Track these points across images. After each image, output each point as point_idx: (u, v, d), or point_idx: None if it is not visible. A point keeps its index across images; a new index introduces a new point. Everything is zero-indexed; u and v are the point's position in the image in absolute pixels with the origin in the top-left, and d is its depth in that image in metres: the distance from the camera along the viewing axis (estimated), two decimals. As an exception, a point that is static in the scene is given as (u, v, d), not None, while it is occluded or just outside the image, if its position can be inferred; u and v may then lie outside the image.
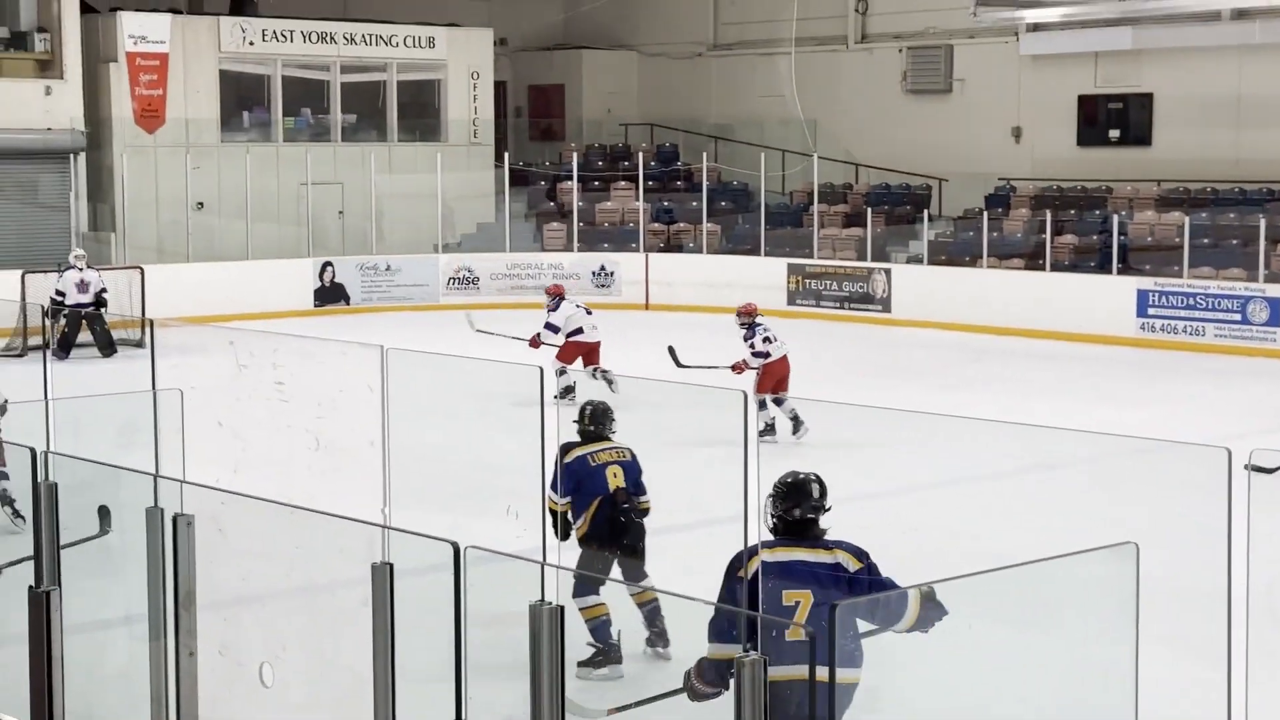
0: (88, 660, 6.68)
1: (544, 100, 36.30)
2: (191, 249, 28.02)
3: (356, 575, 4.53)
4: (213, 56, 30.31)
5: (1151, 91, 28.72)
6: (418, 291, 28.90)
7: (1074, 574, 3.24)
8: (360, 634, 4.54)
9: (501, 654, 3.89)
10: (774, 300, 28.40)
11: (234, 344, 19.00)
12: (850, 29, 32.40)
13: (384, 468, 4.98)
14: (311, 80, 31.68)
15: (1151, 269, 25.31)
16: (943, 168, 30.31)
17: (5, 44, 28.34)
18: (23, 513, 7.00)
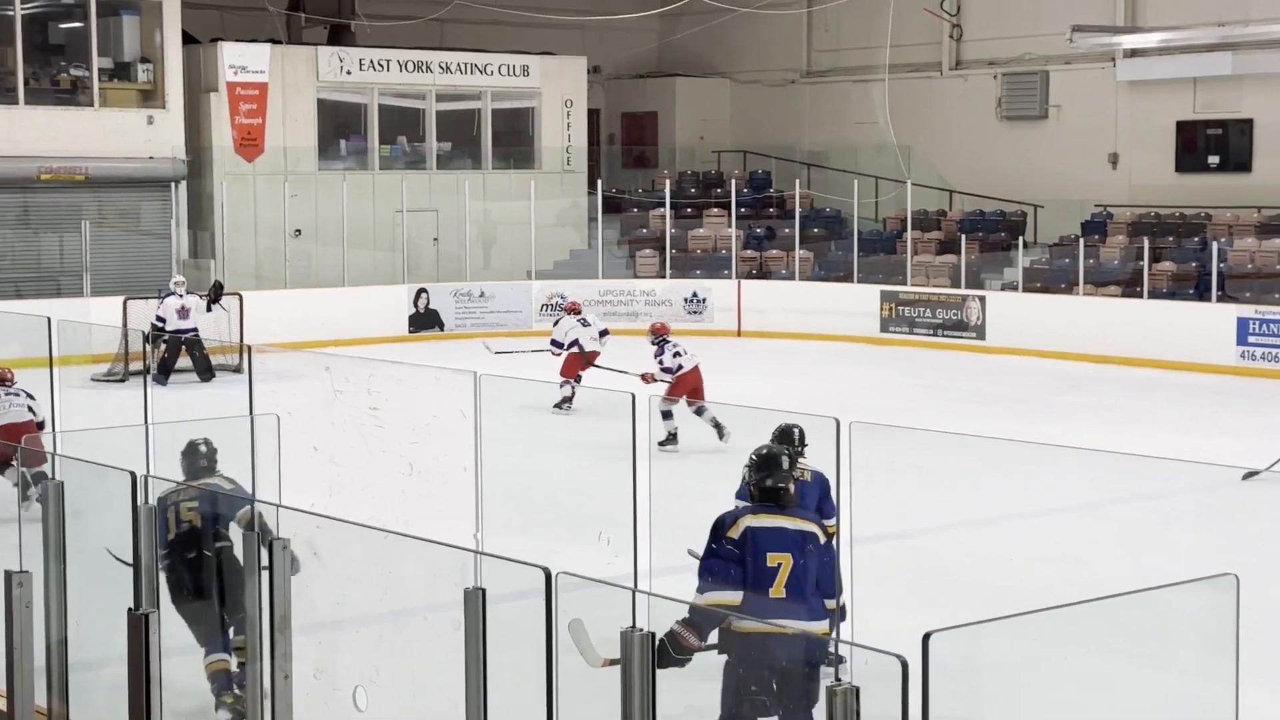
0: (184, 682, 6.74)
1: (637, 127, 36.37)
2: (289, 275, 28.26)
3: (449, 599, 4.55)
4: (311, 86, 30.58)
5: (1251, 117, 28.47)
6: (510, 318, 28.97)
7: (1173, 606, 3.21)
8: (453, 658, 4.56)
9: (593, 680, 3.90)
10: (867, 328, 28.38)
11: (330, 370, 19.13)
12: (945, 55, 32.30)
13: (477, 492, 5.01)
14: (407, 109, 31.90)
15: (1251, 296, 25.05)
16: (1038, 194, 30.13)
17: (110, 74, 28.71)
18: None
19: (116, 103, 28.71)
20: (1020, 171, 30.71)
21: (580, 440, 17.64)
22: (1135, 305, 26.00)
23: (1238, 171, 28.65)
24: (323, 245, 29.27)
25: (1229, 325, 24.32)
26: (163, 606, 5.34)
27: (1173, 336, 23.95)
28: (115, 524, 5.28)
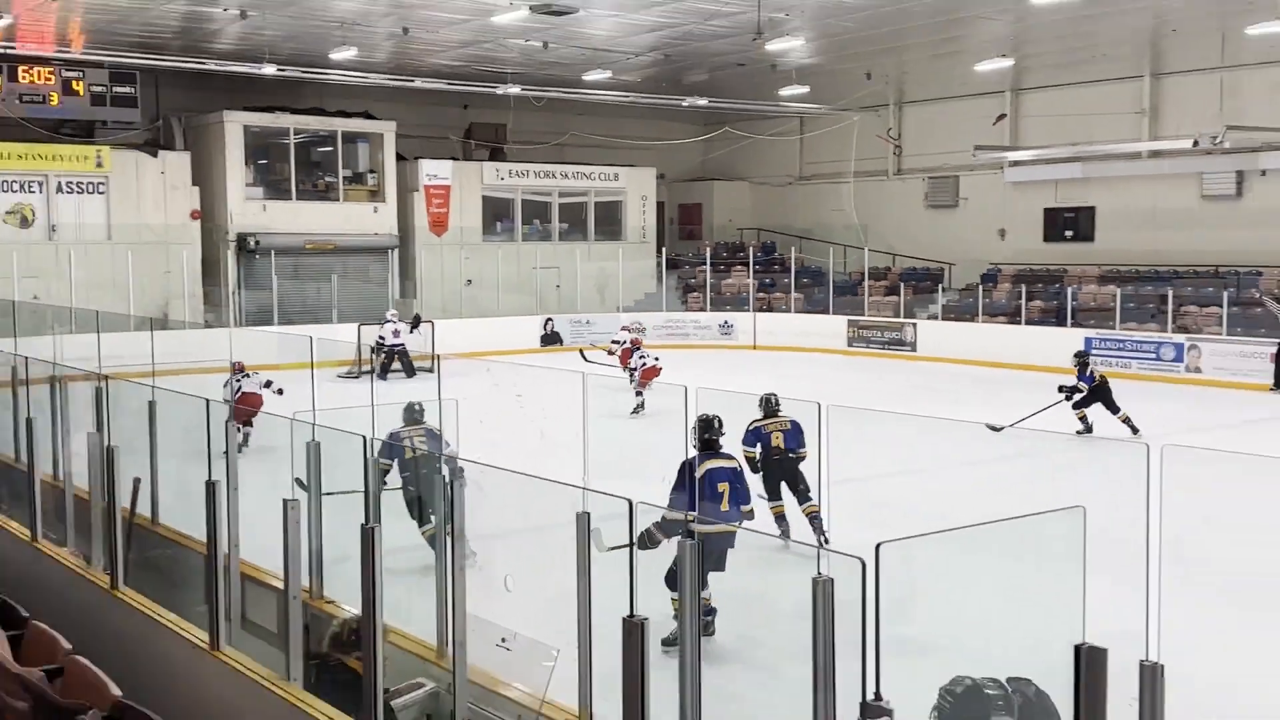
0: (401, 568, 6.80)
1: (688, 213, 36.45)
2: (463, 309, 28.47)
3: (566, 519, 4.56)
4: (478, 187, 30.83)
5: (1094, 205, 28.20)
6: (604, 337, 29.00)
7: (1044, 527, 3.18)
8: (569, 558, 4.57)
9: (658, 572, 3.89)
10: (838, 344, 28.38)
11: (489, 371, 19.14)
12: (890, 165, 32.16)
13: (584, 451, 5.02)
14: (539, 201, 32.06)
15: (1094, 323, 24.88)
16: (951, 256, 29.95)
17: (349, 180, 29.03)
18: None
19: (353, 199, 29.02)
20: (940, 241, 30.56)
21: (646, 417, 17.70)
22: (1016, 329, 25.86)
23: (1084, 241, 28.40)
24: (485, 290, 29.48)
25: (1079, 342, 24.06)
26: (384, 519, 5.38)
27: (1040, 350, 23.68)
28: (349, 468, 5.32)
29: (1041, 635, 2.82)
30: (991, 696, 3.10)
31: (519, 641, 5.41)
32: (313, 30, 22.61)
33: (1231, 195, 25.79)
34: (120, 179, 26.32)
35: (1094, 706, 2.55)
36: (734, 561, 6.85)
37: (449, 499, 5.02)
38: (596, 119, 32.35)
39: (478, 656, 5.21)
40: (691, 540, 4.26)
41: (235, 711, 4.81)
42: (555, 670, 4.99)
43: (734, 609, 4.89)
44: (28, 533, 6.84)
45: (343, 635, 5.52)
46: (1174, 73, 26.47)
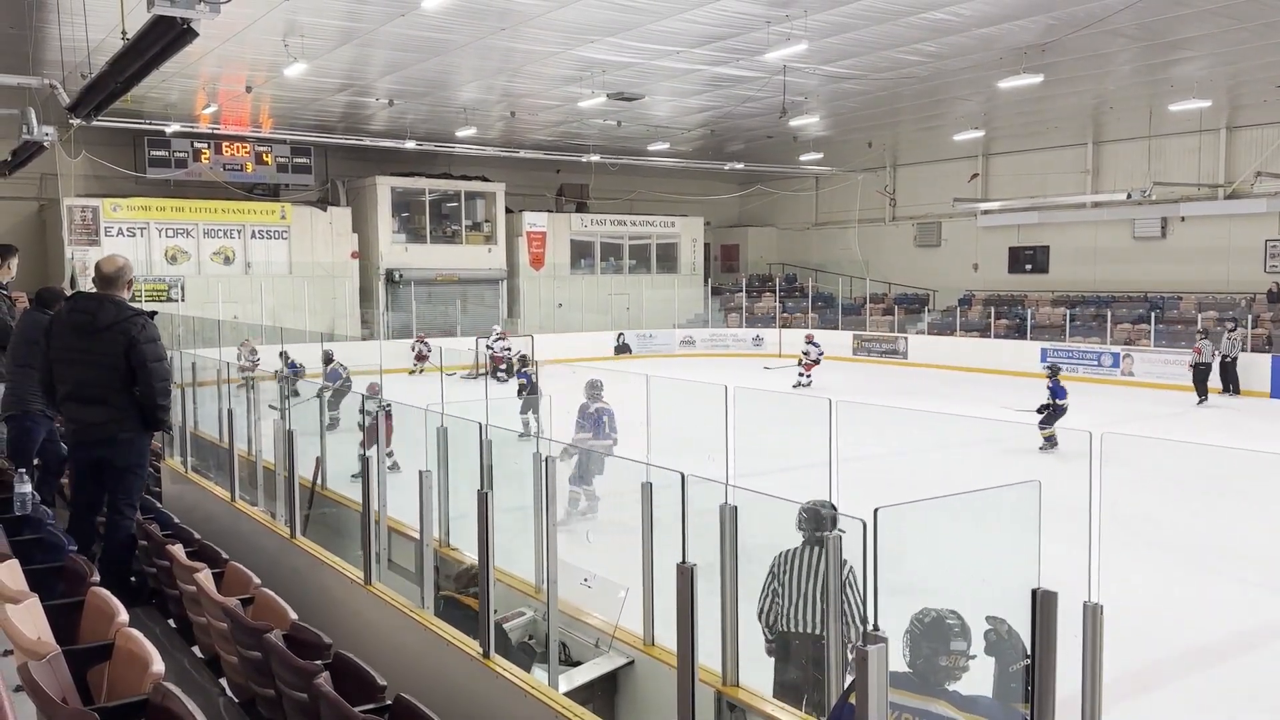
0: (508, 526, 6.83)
1: (729, 252, 36.24)
2: (556, 325, 28.59)
3: (634, 488, 4.56)
4: (567, 233, 30.91)
5: (1049, 244, 27.71)
6: (664, 347, 29.12)
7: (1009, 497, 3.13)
8: (635, 519, 4.57)
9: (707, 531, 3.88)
10: (845, 352, 28.10)
11: (574, 372, 19.09)
12: (886, 214, 31.84)
13: (648, 435, 5.01)
14: (614, 243, 32.07)
15: (1049, 338, 24.42)
16: (935, 284, 29.57)
17: (469, 228, 29.25)
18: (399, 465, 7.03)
19: (472, 242, 29.25)
20: (926, 273, 30.17)
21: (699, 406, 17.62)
22: (986, 342, 25.44)
23: (1040, 273, 27.91)
24: (571, 311, 29.59)
25: (1035, 352, 23.70)
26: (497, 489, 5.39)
27: (1005, 359, 23.33)
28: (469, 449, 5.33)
29: (1005, 582, 2.77)
30: (950, 625, 3.05)
31: (597, 581, 5.42)
32: (442, 114, 22.89)
33: (1158, 236, 25.23)
34: (298, 228, 26.79)
35: (1047, 639, 2.50)
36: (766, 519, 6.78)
37: (544, 474, 5.02)
38: (658, 179, 32.37)
39: (566, 593, 5.23)
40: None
41: (384, 631, 4.86)
42: (625, 604, 4.99)
43: (764, 556, 4.87)
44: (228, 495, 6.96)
45: (465, 575, 5.56)
46: (1111, 140, 25.97)
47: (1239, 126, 23.51)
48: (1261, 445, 14.41)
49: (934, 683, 2.96)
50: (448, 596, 5.29)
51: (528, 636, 5.37)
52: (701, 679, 3.49)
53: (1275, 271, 23.07)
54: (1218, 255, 23.97)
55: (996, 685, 2.94)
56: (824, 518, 4.88)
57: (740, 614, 3.94)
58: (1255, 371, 20.18)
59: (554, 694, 3.95)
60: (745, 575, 3.94)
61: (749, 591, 3.90)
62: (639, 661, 4.75)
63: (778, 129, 24.42)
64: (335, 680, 3.35)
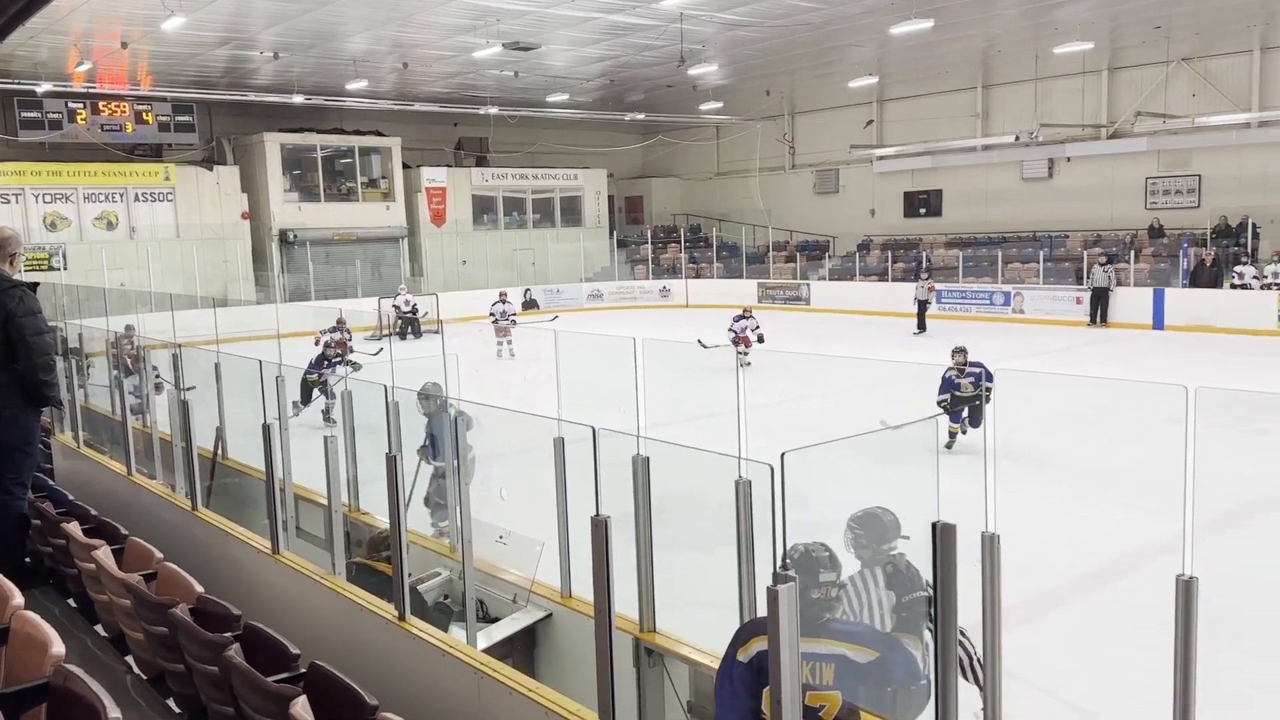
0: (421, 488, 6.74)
1: (633, 204, 36.15)
2: (460, 283, 28.17)
3: (545, 444, 4.55)
4: (468, 188, 30.39)
5: (942, 188, 28.37)
6: (572, 301, 28.98)
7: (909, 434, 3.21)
8: (548, 475, 4.58)
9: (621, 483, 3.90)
10: (751, 300, 28.32)
11: (481, 331, 18.89)
12: (786, 162, 32.13)
13: (558, 391, 5.00)
14: (517, 198, 31.65)
15: (943, 278, 25.08)
16: (835, 231, 30.03)
17: (365, 184, 28.58)
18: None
19: (370, 199, 28.56)
20: (826, 220, 30.61)
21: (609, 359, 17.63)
22: (885, 285, 25.99)
23: (934, 216, 28.58)
24: (476, 268, 29.17)
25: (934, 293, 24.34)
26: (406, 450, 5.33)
27: (904, 301, 23.89)
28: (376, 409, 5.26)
29: (908, 516, 2.86)
30: (817, 557, 3.11)
31: (512, 538, 5.42)
32: (331, 67, 22.18)
33: (1045, 177, 26.04)
34: (184, 189, 25.79)
35: (947, 569, 2.60)
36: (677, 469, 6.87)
37: (455, 434, 4.99)
38: (559, 131, 32.00)
39: (481, 550, 5.22)
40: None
41: (294, 600, 4.80)
42: (541, 559, 5.01)
43: (676, 505, 4.93)
44: (124, 469, 6.74)
45: (378, 540, 5.51)
46: (1000, 84, 26.59)
47: (1120, 68, 24.30)
48: (1145, 375, 15.12)
49: (810, 618, 2.99)
50: (359, 563, 5.24)
51: (443, 596, 5.36)
52: (619, 627, 3.54)
53: (1155, 208, 24.06)
54: (1102, 194, 24.87)
55: (895, 617, 3.03)
56: (887, 525, 3.94)
57: (655, 561, 3.99)
58: (1138, 304, 21.11)
59: (472, 651, 3.96)
60: (659, 524, 3.99)
61: (663, 539, 3.96)
62: (557, 614, 4.79)
63: (677, 78, 24.34)
64: (246, 651, 3.31)
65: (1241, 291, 20.03)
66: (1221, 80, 22.66)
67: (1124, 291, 21.42)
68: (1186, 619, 2.46)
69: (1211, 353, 17.01)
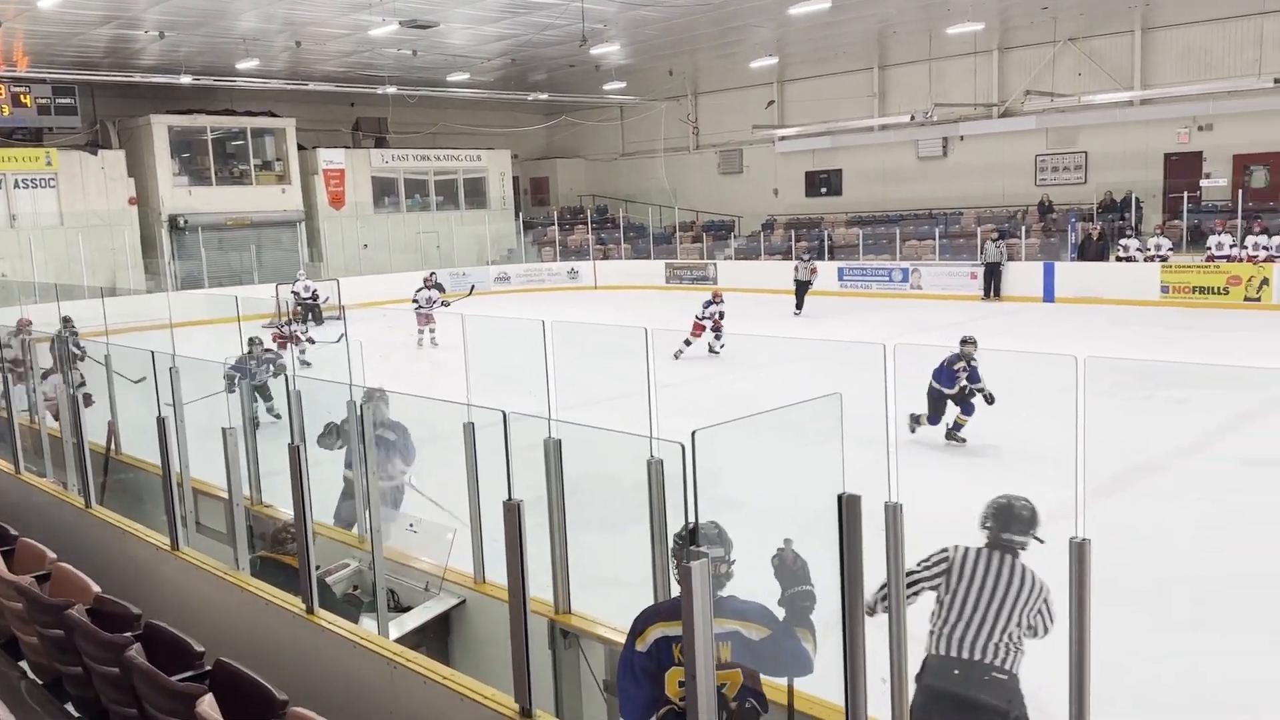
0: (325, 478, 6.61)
1: (538, 185, 35.88)
2: (362, 267, 27.59)
3: (456, 429, 4.52)
4: (367, 170, 29.74)
5: (841, 168, 28.89)
6: (479, 284, 28.56)
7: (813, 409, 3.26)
8: (459, 459, 4.54)
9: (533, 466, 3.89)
10: (659, 281, 28.55)
11: (385, 316, 18.56)
12: (690, 142, 32.28)
13: (466, 375, 4.95)
14: (419, 179, 31.09)
15: (845, 257, 25.57)
16: (740, 210, 30.35)
17: (259, 167, 27.72)
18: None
19: (264, 182, 27.74)
20: (731, 200, 30.89)
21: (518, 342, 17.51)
22: (789, 264, 26.29)
23: (835, 195, 29.09)
24: (379, 252, 28.61)
25: (834, 272, 24.79)
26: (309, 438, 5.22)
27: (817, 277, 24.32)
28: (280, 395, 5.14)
29: (814, 488, 2.92)
30: (706, 534, 3.15)
31: (424, 526, 5.37)
32: (220, 45, 21.42)
33: (939, 156, 26.71)
34: (67, 174, 24.66)
35: (853, 540, 2.66)
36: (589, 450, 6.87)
37: (360, 421, 4.90)
38: (461, 111, 31.55)
39: (392, 539, 5.16)
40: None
41: (197, 597, 4.67)
42: (454, 545, 4.97)
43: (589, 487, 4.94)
44: (11, 467, 6.45)
45: (282, 532, 5.39)
46: (896, 64, 27.13)
47: (1009, 48, 25.04)
48: (1038, 346, 15.68)
49: None
50: (264, 557, 5.12)
51: (353, 587, 5.28)
52: (534, 610, 3.54)
53: (1045, 184, 24.92)
54: (994, 171, 25.64)
55: (781, 607, 3.07)
56: (1018, 515, 3.85)
57: (569, 543, 4.00)
58: (1029, 277, 21.86)
59: (384, 641, 3.92)
60: (573, 506, 4.00)
61: (578, 521, 3.96)
62: (471, 600, 4.77)
63: (579, 58, 24.20)
64: (148, 651, 3.21)
65: (1126, 264, 20.90)
66: (1105, 60, 23.54)
67: (1015, 266, 22.16)
68: (1080, 579, 2.57)
69: (1099, 323, 17.73)
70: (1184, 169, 22.65)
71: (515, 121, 32.98)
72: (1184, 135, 22.69)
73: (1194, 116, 22.45)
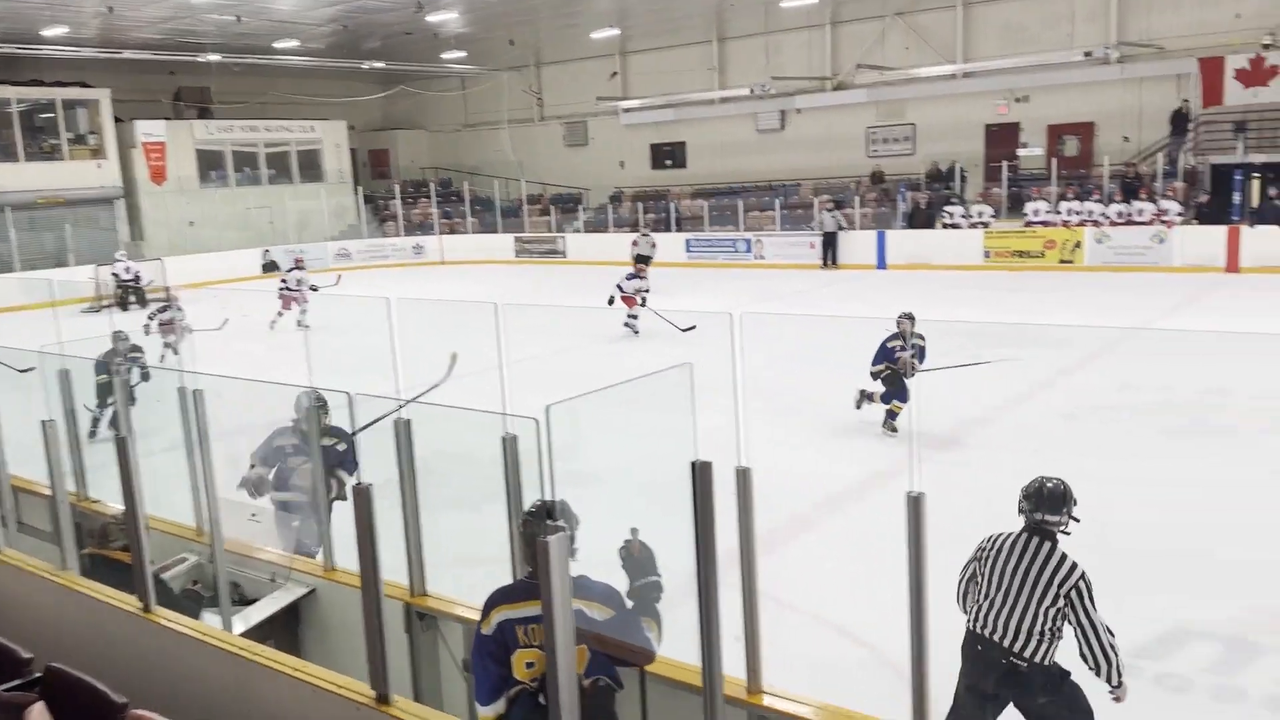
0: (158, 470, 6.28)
1: (377, 157, 34.78)
2: (189, 247, 26.17)
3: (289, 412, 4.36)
4: (190, 142, 28.13)
5: (685, 140, 29.21)
6: (318, 262, 27.54)
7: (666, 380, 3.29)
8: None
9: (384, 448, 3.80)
10: (508, 255, 28.30)
11: (216, 297, 17.73)
12: (534, 114, 31.99)
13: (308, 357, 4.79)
14: (248, 152, 29.63)
15: (691, 228, 25.93)
16: (587, 183, 30.27)
17: (72, 141, 25.88)
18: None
19: (78, 157, 25.90)
20: (578, 172, 30.80)
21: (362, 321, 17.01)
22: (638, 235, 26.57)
23: (680, 168, 29.44)
24: (207, 229, 27.20)
25: (681, 243, 25.14)
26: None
27: (656, 252, 24.52)
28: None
29: (669, 457, 2.96)
30: (532, 518, 3.14)
31: (267, 515, 5.18)
32: (22, 10, 19.88)
33: (778, 129, 27.36)
34: None
35: (705, 505, 2.72)
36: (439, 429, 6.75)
37: (194, 409, 4.67)
38: (292, 80, 30.23)
39: (233, 531, 4.95)
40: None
41: (23, 601, 4.37)
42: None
43: (445, 466, 4.86)
44: None
45: (113, 528, 5.10)
46: (734, 38, 27.58)
47: (841, 22, 25.81)
48: (874, 312, 16.33)
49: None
50: (93, 555, 4.83)
51: (193, 582, 5.05)
52: (389, 594, 3.47)
53: (876, 156, 25.89)
54: (828, 143, 26.45)
55: (630, 599, 3.09)
56: (1048, 496, 3.83)
57: (424, 524, 3.94)
58: (864, 246, 22.71)
59: (228, 636, 3.77)
60: (428, 486, 3.93)
61: (432, 501, 3.90)
62: (321, 588, 4.64)
63: (416, 25, 23.59)
64: (-33, 664, 2.99)
65: (953, 231, 21.97)
66: (931, 34, 24.56)
67: (851, 235, 22.98)
68: (917, 531, 2.71)
69: (930, 288, 18.60)
70: (1003, 139, 23.94)
71: (351, 91, 31.84)
72: (1003, 107, 23.96)
73: (1012, 89, 23.72)
